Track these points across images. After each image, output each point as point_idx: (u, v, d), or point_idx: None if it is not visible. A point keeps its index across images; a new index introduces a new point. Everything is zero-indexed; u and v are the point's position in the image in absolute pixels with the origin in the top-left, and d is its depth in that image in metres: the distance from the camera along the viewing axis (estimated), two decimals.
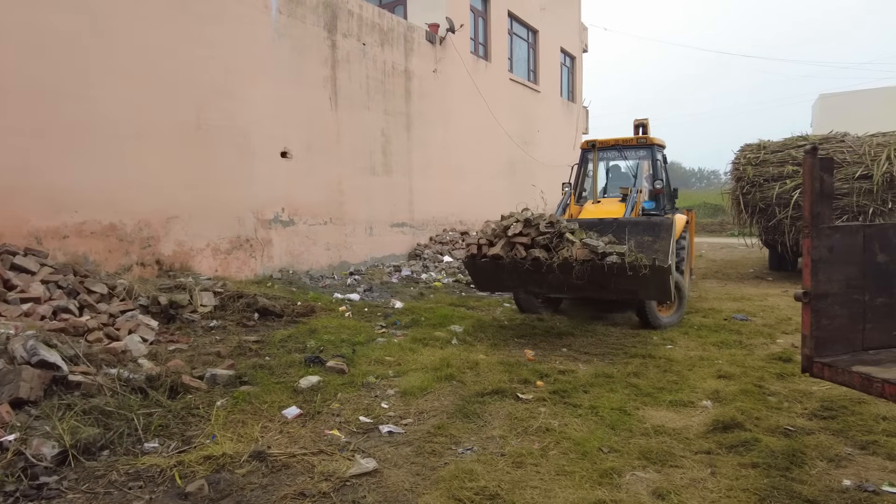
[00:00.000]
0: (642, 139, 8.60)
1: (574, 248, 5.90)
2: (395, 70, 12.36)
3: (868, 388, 2.23)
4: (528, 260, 6.07)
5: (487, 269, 6.46)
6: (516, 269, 6.16)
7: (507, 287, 7.03)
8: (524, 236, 6.20)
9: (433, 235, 13.52)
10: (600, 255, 5.81)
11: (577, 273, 5.85)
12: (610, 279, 5.80)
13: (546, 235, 6.17)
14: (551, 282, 6.14)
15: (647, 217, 7.65)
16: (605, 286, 5.98)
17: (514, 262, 6.13)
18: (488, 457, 3.60)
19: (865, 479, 3.28)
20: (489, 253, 6.29)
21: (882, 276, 2.50)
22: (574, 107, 22.03)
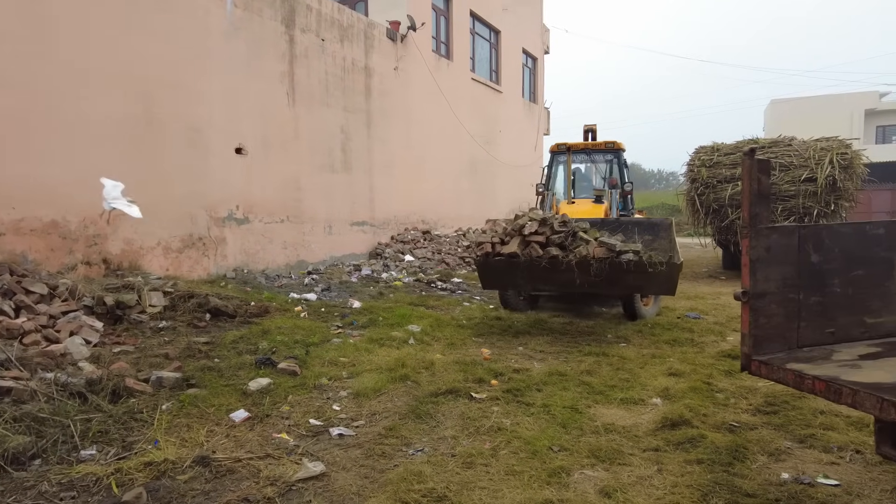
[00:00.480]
0: (610, 144, 9.10)
1: (591, 246, 6.11)
2: (356, 67, 12.22)
3: (800, 385, 2.29)
4: (544, 258, 6.18)
5: (499, 268, 6.50)
6: (532, 267, 6.25)
7: (516, 285, 7.13)
8: (539, 235, 6.32)
9: (394, 234, 13.43)
10: (617, 253, 6.05)
11: (594, 270, 6.02)
12: (623, 276, 6.05)
13: (560, 234, 6.36)
14: (562, 279, 6.30)
15: (648, 217, 8.61)
16: (616, 283, 6.21)
17: (531, 261, 6.23)
18: (439, 458, 3.57)
19: (802, 471, 3.38)
20: (504, 251, 6.33)
21: (815, 275, 2.58)
22: (535, 108, 22.23)
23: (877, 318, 2.72)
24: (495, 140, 18.37)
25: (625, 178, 9.39)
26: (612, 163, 9.63)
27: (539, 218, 6.51)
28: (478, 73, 17.57)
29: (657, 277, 6.09)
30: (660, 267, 5.99)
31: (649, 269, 5.99)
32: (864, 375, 2.23)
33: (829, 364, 2.38)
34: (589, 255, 6.04)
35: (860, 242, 2.71)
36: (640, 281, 6.22)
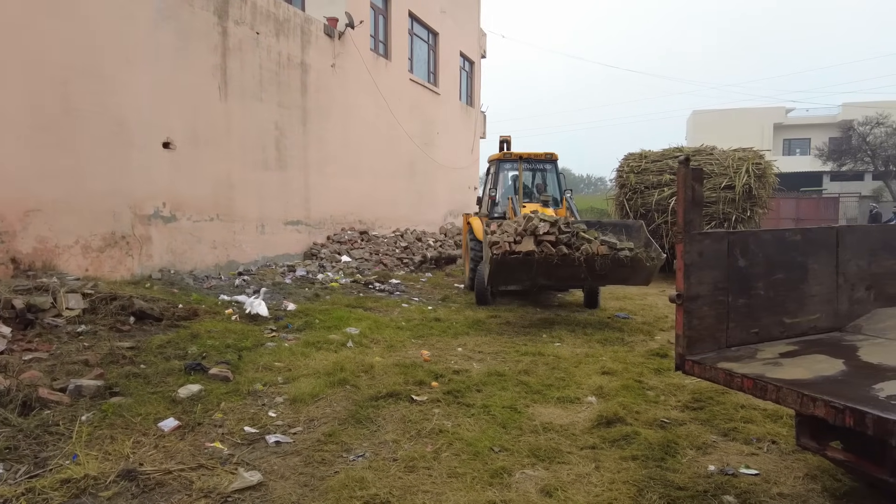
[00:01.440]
0: (548, 155, 9.96)
1: (594, 245, 6.99)
2: (291, 62, 11.91)
3: (730, 383, 2.42)
4: (557, 255, 6.90)
5: (514, 265, 7.06)
6: (544, 263, 6.95)
7: (523, 281, 7.77)
8: (550, 235, 7.03)
9: (331, 234, 13.18)
10: (617, 249, 7.01)
11: (598, 265, 6.93)
12: (619, 270, 7.06)
13: (567, 234, 7.13)
14: (568, 274, 7.15)
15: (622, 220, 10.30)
16: (606, 276, 7.26)
17: (545, 258, 6.90)
18: (380, 462, 3.53)
19: (727, 463, 3.58)
20: (520, 250, 6.94)
21: (742, 279, 2.74)
22: (472, 111, 22.46)
23: (794, 319, 2.93)
24: (433, 142, 18.41)
25: (562, 185, 10.03)
26: (550, 172, 10.25)
27: (551, 220, 7.25)
28: (416, 74, 17.55)
29: (644, 270, 7.15)
30: (651, 261, 7.04)
31: (646, 264, 7.02)
32: (785, 373, 2.39)
33: (754, 363, 2.53)
34: (594, 252, 6.88)
35: (780, 248, 2.91)
36: (627, 273, 7.20)
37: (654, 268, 7.18)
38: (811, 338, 2.95)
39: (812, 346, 2.82)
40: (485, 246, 7.35)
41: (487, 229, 7.59)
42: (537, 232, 7.04)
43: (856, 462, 2.24)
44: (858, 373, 2.42)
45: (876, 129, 34.84)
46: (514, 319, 7.93)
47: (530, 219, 7.20)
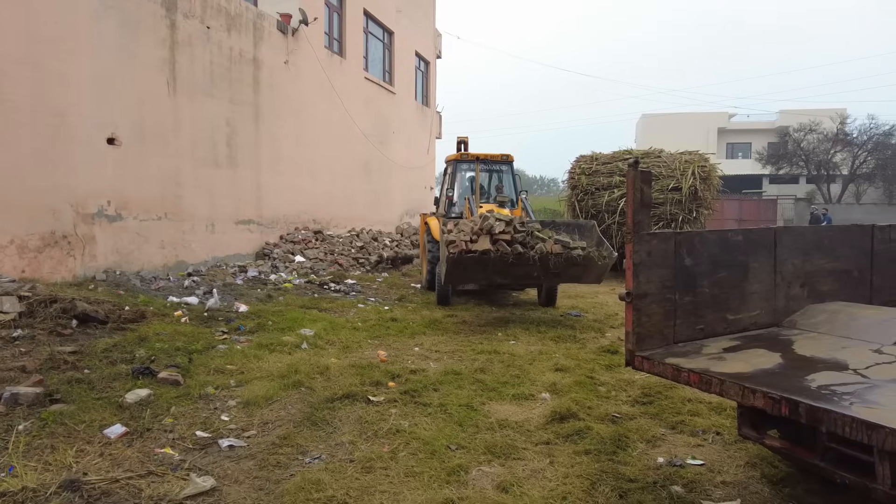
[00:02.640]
0: (505, 156, 10.14)
1: (548, 244, 7.11)
2: (243, 58, 11.64)
3: (678, 378, 2.53)
4: (512, 254, 6.98)
5: (470, 264, 7.09)
6: (500, 262, 7.01)
7: (478, 280, 7.88)
8: (506, 234, 7.10)
9: (284, 234, 12.95)
10: (570, 248, 7.15)
11: (552, 263, 7.05)
12: (571, 268, 7.23)
13: (521, 233, 7.22)
14: (523, 272, 7.27)
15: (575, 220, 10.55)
16: (560, 274, 7.42)
17: (501, 257, 6.96)
18: (337, 464, 3.51)
19: (675, 455, 3.72)
20: (476, 249, 6.97)
21: (688, 277, 2.86)
22: (428, 111, 22.49)
23: (736, 315, 3.07)
24: (389, 141, 18.34)
25: (518, 186, 10.17)
26: (506, 173, 10.37)
27: (506, 219, 7.31)
28: (371, 72, 17.44)
29: (597, 268, 7.33)
30: (603, 259, 7.26)
31: (598, 262, 7.22)
32: (728, 367, 2.51)
33: (700, 358, 2.64)
34: (548, 251, 7.02)
35: (724, 248, 3.05)
36: (580, 272, 7.39)
37: (606, 266, 7.37)
38: (752, 333, 3.10)
39: (752, 341, 2.97)
40: (441, 245, 7.35)
41: (444, 228, 7.60)
42: (493, 231, 7.12)
43: (790, 449, 2.38)
44: (793, 365, 2.57)
45: (809, 135, 36.80)
46: (471, 318, 8.00)
47: (486, 218, 7.27)
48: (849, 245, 3.72)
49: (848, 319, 3.16)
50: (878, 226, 3.91)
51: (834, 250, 3.63)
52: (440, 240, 7.62)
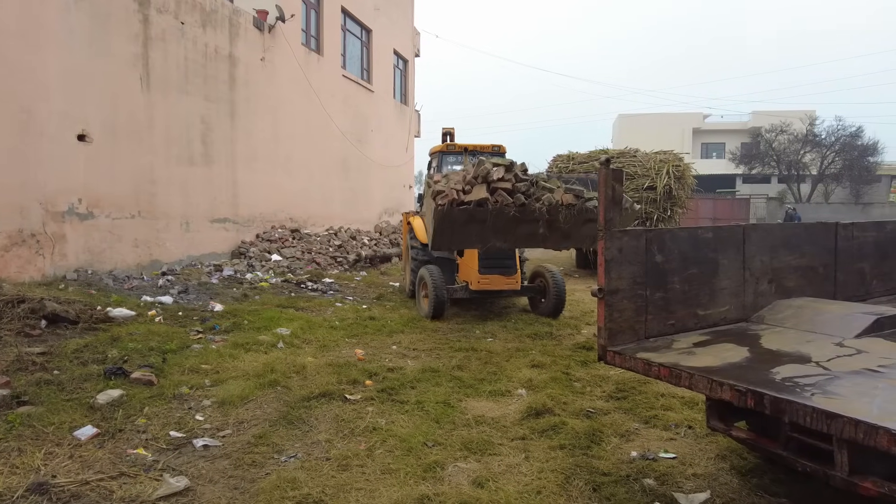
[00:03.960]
0: (496, 147, 9.60)
1: (557, 194, 5.74)
2: (219, 54, 11.49)
3: (648, 372, 2.58)
4: (514, 205, 5.53)
5: (462, 220, 5.65)
6: (498, 217, 5.60)
7: (472, 242, 6.28)
8: (506, 182, 5.65)
9: (260, 232, 12.82)
10: (585, 199, 5.83)
11: (563, 217, 5.71)
12: (584, 226, 5.85)
13: (524, 182, 5.82)
14: (526, 231, 5.89)
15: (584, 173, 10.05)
16: (570, 234, 5.99)
17: (500, 209, 5.52)
18: (313, 462, 3.50)
19: (648, 448, 3.79)
20: (470, 199, 5.48)
21: (659, 274, 2.91)
22: (407, 109, 22.44)
23: (706, 311, 3.14)
24: (367, 139, 18.26)
25: None
26: None
27: (506, 163, 5.90)
28: (349, 70, 17.34)
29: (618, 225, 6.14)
30: (625, 211, 5.87)
31: (623, 211, 5.82)
32: (697, 361, 2.57)
33: (670, 352, 2.70)
34: (558, 202, 5.71)
35: (694, 245, 3.11)
36: (593, 231, 5.68)
37: (628, 221, 6.14)
38: (721, 328, 3.18)
39: (722, 335, 3.04)
40: (426, 199, 5.87)
41: (430, 181, 6.14)
42: (490, 178, 5.75)
43: (755, 440, 2.45)
44: (760, 359, 2.64)
45: (780, 136, 37.65)
46: (449, 316, 8.01)
47: (481, 163, 5.92)
48: (814, 242, 3.82)
49: (812, 314, 3.25)
50: (842, 223, 4.03)
51: (800, 247, 3.73)
52: (425, 193, 6.13)
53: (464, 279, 8.09)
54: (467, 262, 7.99)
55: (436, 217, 5.64)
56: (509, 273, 7.79)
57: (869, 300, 4.05)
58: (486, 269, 7.70)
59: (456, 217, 5.62)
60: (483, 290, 7.79)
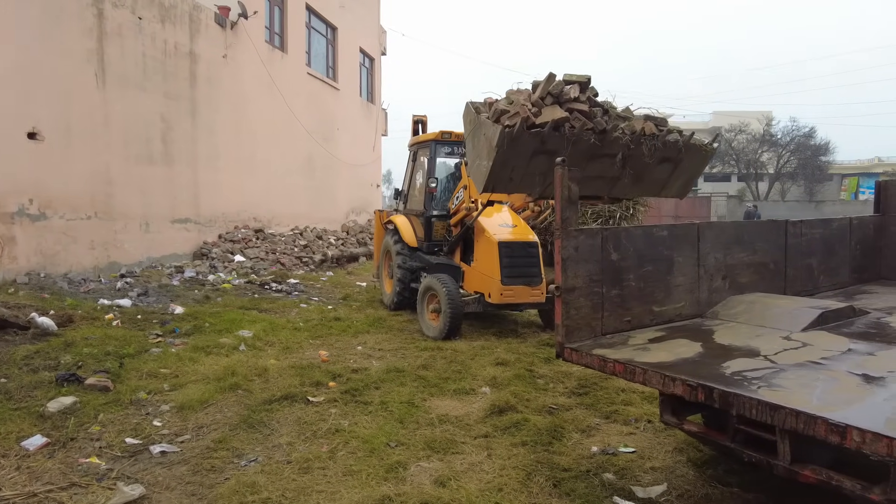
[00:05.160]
0: None
1: (637, 122, 4.57)
2: (179, 51, 11.22)
3: (604, 368, 2.63)
4: (595, 130, 4.27)
5: (528, 150, 4.19)
6: (575, 147, 4.22)
7: (533, 183, 4.55)
8: (582, 103, 4.41)
9: (223, 233, 12.58)
10: (668, 130, 4.76)
11: (647, 150, 4.50)
12: (656, 167, 4.70)
13: (599, 108, 4.55)
14: (601, 168, 4.49)
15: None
16: (643, 177, 4.74)
17: (579, 135, 4.18)
18: (274, 466, 3.46)
19: (608, 443, 3.86)
20: (544, 120, 4.10)
21: (615, 271, 2.97)
22: (373, 108, 22.31)
23: (661, 307, 3.21)
24: (333, 138, 18.09)
25: None
26: None
27: (583, 79, 4.52)
28: (314, 68, 17.14)
29: (694, 164, 4.91)
30: (705, 151, 4.91)
31: (702, 151, 4.85)
32: (651, 356, 2.63)
33: (626, 348, 2.75)
34: (640, 131, 4.52)
35: (649, 243, 3.18)
36: (674, 171, 4.85)
37: (706, 160, 5.06)
38: (676, 324, 3.25)
39: (676, 331, 3.11)
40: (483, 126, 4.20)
41: (482, 107, 4.45)
42: (564, 97, 4.41)
43: (706, 433, 2.52)
44: (712, 353, 2.71)
45: (739, 135, 38.77)
46: (416, 315, 7.99)
47: (552, 77, 4.40)
48: (765, 240, 3.95)
49: (763, 309, 3.35)
50: (791, 221, 4.17)
51: (752, 244, 3.84)
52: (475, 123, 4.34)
53: (475, 289, 6.91)
54: (482, 269, 6.82)
55: (499, 144, 4.12)
56: (535, 283, 6.68)
57: (817, 294, 4.20)
58: (511, 277, 6.57)
59: (524, 145, 4.16)
60: (505, 304, 6.72)
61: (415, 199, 8.51)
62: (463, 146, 7.57)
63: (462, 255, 7.43)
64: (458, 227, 7.46)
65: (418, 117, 8.91)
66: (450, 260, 7.51)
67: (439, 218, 7.87)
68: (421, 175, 8.40)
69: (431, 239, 7.92)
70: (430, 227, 7.92)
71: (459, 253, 7.49)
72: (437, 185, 7.86)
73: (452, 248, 7.55)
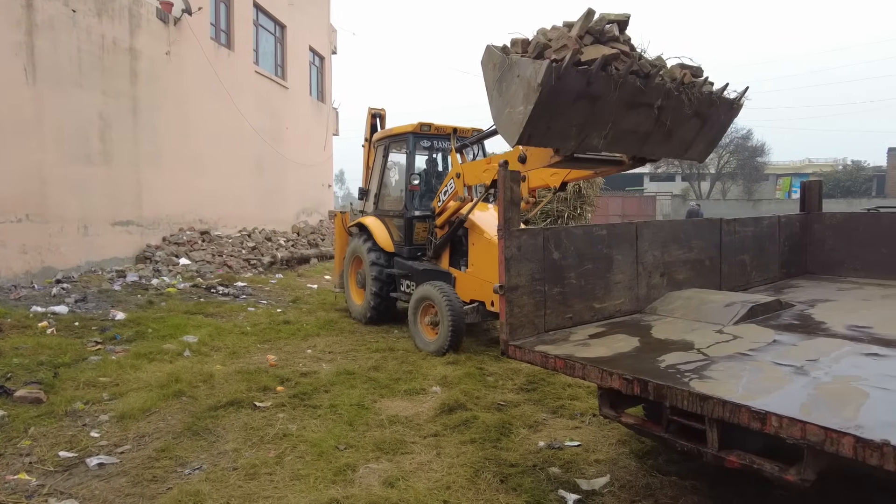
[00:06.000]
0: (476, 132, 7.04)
1: (674, 70, 4.07)
2: (118, 46, 10.78)
3: (546, 364, 2.69)
4: (641, 72, 3.74)
5: (570, 94, 3.48)
6: (622, 91, 3.66)
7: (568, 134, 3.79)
8: (623, 43, 3.85)
9: (167, 235, 12.17)
10: (704, 79, 4.26)
11: (688, 99, 4.03)
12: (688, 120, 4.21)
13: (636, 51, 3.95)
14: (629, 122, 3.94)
15: None
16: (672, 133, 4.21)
17: (625, 75, 3.59)
18: (219, 473, 3.39)
19: (554, 438, 3.95)
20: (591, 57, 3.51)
21: (556, 270, 3.04)
22: (324, 107, 22.03)
23: (601, 304, 3.31)
24: (283, 137, 17.76)
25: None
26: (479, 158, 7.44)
27: (622, 18, 3.98)
28: (262, 66, 16.79)
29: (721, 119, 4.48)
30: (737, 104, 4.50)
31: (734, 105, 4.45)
32: (590, 352, 2.71)
33: (567, 344, 2.83)
34: (679, 79, 4.05)
35: (589, 242, 3.27)
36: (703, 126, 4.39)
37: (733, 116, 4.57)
38: (616, 320, 3.36)
39: (616, 327, 3.21)
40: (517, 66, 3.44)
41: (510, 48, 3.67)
42: (607, 35, 3.79)
43: (641, 424, 2.62)
44: (649, 348, 2.81)
45: None
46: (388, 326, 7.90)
47: (591, 13, 3.71)
48: (701, 238, 4.12)
49: (699, 304, 3.50)
50: (725, 220, 4.37)
51: (689, 242, 4.00)
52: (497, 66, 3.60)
53: (471, 297, 6.29)
54: (481, 275, 6.17)
55: (545, 81, 3.36)
56: None
57: (749, 289, 4.41)
58: None
59: (569, 85, 3.46)
60: None
61: (389, 199, 7.78)
62: (443, 140, 7.33)
63: (451, 259, 6.75)
64: (445, 227, 6.66)
65: (375, 110, 8.35)
66: (437, 265, 6.78)
67: (421, 219, 7.06)
68: (396, 172, 7.82)
69: (413, 243, 7.09)
70: (411, 230, 7.06)
71: (448, 257, 6.77)
72: (420, 182, 7.02)
73: (438, 251, 6.77)
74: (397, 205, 7.52)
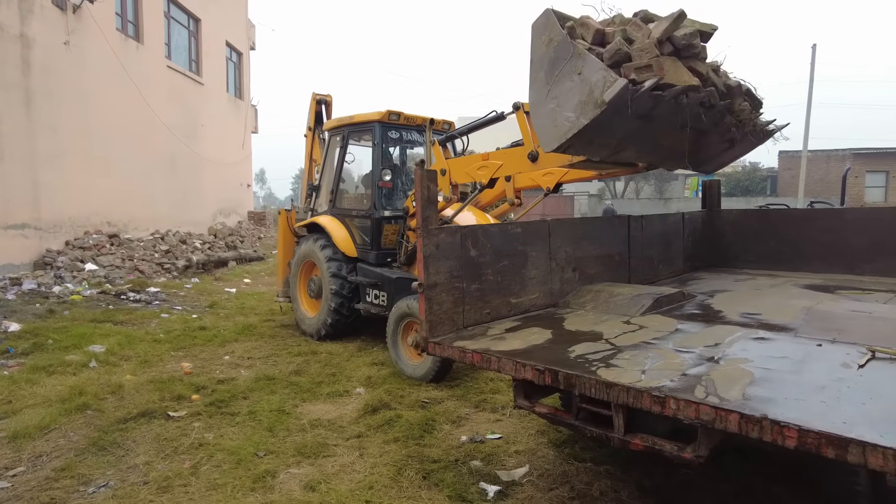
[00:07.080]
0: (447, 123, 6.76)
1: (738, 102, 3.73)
2: (6, 33, 9.93)
3: (464, 359, 2.74)
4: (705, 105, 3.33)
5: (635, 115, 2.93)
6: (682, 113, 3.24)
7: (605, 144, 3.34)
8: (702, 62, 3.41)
9: (70, 239, 11.34)
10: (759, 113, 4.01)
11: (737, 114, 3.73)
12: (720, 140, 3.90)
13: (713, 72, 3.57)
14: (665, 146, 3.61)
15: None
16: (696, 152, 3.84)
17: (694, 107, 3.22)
18: (128, 489, 3.21)
19: (476, 432, 4.03)
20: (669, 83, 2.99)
21: (474, 267, 3.11)
22: (242, 104, 21.27)
23: (518, 299, 3.41)
24: (198, 135, 16.99)
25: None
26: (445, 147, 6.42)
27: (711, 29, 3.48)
28: (175, 61, 15.98)
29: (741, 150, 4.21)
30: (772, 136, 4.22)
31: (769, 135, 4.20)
32: (505, 345, 2.78)
33: (484, 339, 2.89)
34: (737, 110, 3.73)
35: (505, 239, 3.36)
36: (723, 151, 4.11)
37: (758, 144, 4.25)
38: (531, 314, 3.47)
39: (531, 320, 3.32)
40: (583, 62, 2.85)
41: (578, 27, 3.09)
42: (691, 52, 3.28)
43: (553, 413, 2.72)
44: (561, 339, 2.93)
45: None
46: (289, 321, 7.76)
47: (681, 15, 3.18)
48: (611, 234, 4.33)
49: (608, 297, 3.67)
50: (633, 217, 4.61)
51: (599, 239, 4.20)
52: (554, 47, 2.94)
53: None
54: None
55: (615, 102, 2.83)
56: None
57: (656, 282, 4.68)
58: None
59: (634, 108, 2.94)
60: None
61: (349, 197, 7.00)
62: (415, 132, 6.57)
63: None
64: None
65: (321, 96, 7.52)
66: (411, 273, 5.97)
67: (389, 220, 6.36)
68: (359, 166, 7.04)
69: (381, 247, 6.38)
70: (378, 232, 6.34)
71: None
72: (391, 178, 6.35)
73: (412, 257, 5.92)
74: (360, 203, 6.77)
